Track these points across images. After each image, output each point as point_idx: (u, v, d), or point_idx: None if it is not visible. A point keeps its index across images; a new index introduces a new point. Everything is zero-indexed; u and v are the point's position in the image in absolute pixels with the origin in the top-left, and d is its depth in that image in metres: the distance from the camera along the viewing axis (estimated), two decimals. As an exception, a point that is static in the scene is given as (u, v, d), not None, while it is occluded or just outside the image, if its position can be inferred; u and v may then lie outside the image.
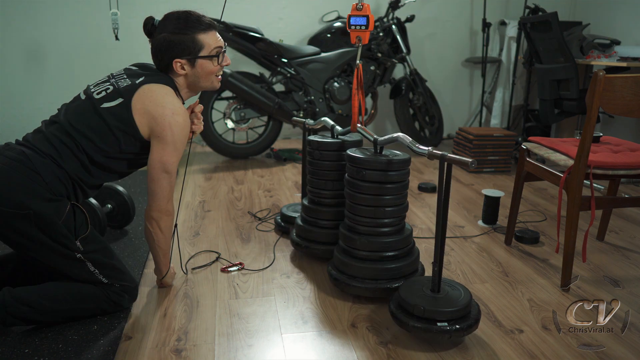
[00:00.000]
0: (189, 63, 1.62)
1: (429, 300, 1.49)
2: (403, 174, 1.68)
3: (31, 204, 1.41)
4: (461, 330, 1.44)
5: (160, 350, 1.44)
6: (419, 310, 1.45)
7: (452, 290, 1.54)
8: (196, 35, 1.59)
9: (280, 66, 3.60)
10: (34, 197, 1.42)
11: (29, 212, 1.41)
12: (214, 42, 1.64)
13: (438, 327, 1.42)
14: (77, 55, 3.95)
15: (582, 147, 1.72)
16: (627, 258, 2.13)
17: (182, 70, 1.63)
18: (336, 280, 1.73)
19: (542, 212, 2.67)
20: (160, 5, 3.93)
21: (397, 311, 1.51)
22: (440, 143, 4.17)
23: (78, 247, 1.50)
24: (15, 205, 1.40)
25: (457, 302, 1.48)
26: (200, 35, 1.60)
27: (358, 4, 1.76)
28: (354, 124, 1.89)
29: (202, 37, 1.60)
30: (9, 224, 1.43)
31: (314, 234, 1.99)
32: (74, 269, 1.52)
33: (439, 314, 1.44)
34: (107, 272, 1.56)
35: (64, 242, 1.47)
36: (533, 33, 3.31)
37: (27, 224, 1.42)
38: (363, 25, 1.77)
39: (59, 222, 1.46)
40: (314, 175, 2.00)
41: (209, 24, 1.63)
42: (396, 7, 3.85)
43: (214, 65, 1.65)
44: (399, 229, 1.75)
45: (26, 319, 1.48)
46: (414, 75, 3.91)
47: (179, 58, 1.60)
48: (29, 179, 1.43)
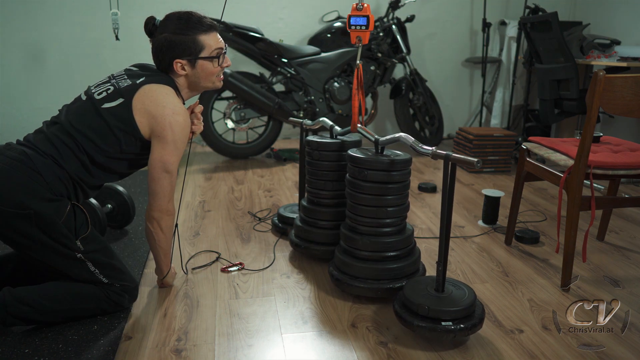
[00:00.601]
0: (190, 64, 1.62)
1: (434, 299, 1.49)
2: (405, 174, 1.69)
3: (31, 203, 1.41)
4: (465, 329, 1.44)
5: (160, 350, 1.44)
6: (424, 310, 1.45)
7: (457, 290, 1.54)
8: (197, 36, 1.59)
9: (280, 66, 3.60)
10: (35, 197, 1.42)
11: (29, 212, 1.41)
12: (215, 44, 1.64)
13: (443, 327, 1.43)
14: (77, 55, 3.95)
15: (582, 147, 1.72)
16: (627, 258, 2.13)
17: (183, 71, 1.63)
18: (338, 280, 1.73)
19: (542, 212, 2.67)
20: (160, 5, 3.93)
21: (401, 311, 1.51)
22: (440, 143, 4.17)
23: (78, 247, 1.50)
24: (16, 205, 1.40)
25: (462, 301, 1.48)
26: (201, 36, 1.60)
27: (358, 4, 1.76)
28: (354, 124, 1.89)
29: (203, 38, 1.60)
30: (9, 224, 1.43)
31: (313, 234, 1.99)
32: (74, 269, 1.52)
33: (444, 313, 1.44)
34: (107, 272, 1.56)
35: (65, 242, 1.48)
36: (533, 33, 3.31)
37: (28, 223, 1.42)
38: (363, 26, 1.77)
39: (59, 222, 1.46)
40: (313, 176, 2.00)
41: (210, 25, 1.63)
42: (396, 7, 3.85)
43: (214, 66, 1.65)
44: (401, 228, 1.75)
45: (26, 318, 1.48)
46: (414, 75, 3.91)
47: (180, 58, 1.60)
48: (30, 179, 1.43)
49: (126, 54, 3.99)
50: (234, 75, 3.39)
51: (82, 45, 3.94)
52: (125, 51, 3.97)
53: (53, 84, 3.98)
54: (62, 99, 4.03)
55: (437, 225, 2.47)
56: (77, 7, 3.85)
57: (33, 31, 3.85)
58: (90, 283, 1.55)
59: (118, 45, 3.80)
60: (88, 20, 3.88)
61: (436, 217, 2.59)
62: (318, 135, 2.08)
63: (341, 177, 1.96)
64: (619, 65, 3.13)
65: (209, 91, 3.44)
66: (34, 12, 3.83)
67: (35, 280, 1.59)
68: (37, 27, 3.85)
